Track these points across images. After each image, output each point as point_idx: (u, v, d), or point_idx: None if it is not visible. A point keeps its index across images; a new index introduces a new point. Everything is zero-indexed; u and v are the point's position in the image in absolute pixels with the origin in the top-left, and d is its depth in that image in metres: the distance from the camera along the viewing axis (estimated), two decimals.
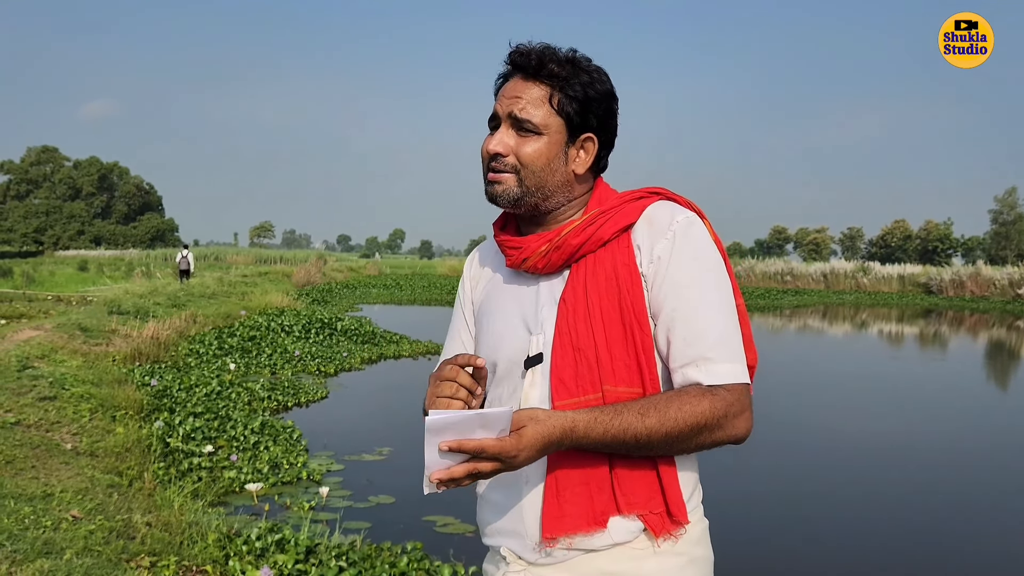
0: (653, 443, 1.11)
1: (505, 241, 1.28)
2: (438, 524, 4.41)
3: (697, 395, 1.12)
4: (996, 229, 66.07)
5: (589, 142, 1.24)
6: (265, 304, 15.49)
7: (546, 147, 1.21)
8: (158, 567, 3.17)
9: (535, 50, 1.21)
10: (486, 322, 1.33)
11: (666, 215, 1.21)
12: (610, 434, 1.09)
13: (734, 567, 4.10)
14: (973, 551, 4.47)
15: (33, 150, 69.99)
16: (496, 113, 1.23)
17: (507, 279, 1.32)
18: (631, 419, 1.09)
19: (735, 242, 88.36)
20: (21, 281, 24.43)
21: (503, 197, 1.23)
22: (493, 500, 1.26)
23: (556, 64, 1.20)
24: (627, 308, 1.17)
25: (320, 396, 7.89)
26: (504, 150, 1.21)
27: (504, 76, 1.26)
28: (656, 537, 1.17)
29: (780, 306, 25.33)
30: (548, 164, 1.21)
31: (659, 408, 1.10)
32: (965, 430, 7.73)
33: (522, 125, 1.20)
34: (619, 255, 1.20)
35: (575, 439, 1.08)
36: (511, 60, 1.23)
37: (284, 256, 51.30)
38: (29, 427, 4.95)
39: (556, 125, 1.21)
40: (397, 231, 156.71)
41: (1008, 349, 15.90)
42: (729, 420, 1.13)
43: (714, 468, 1.22)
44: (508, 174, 1.22)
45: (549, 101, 1.20)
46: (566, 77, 1.20)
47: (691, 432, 1.11)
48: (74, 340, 8.48)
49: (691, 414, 1.10)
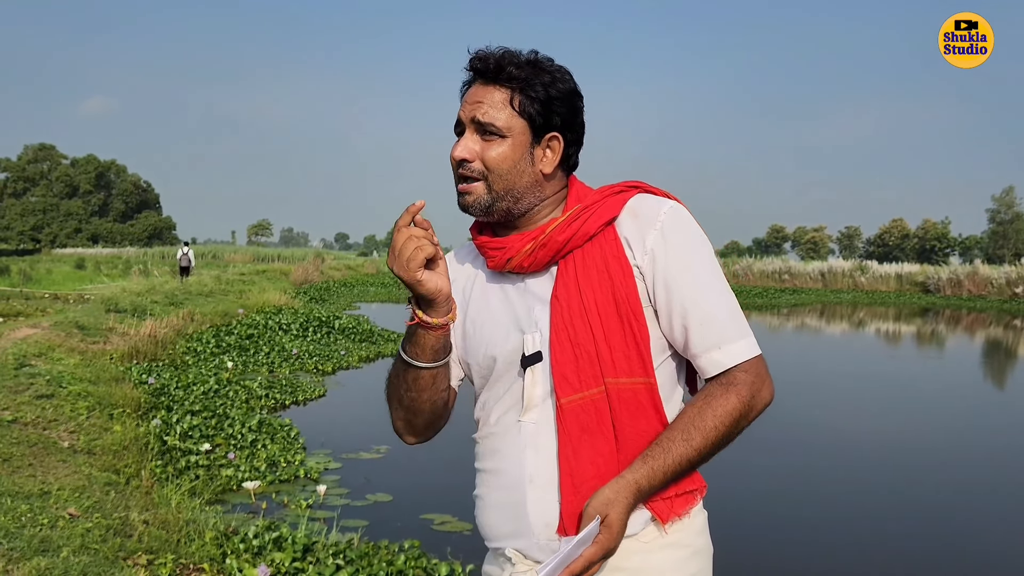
0: (704, 457, 1.18)
1: (486, 243, 1.28)
2: (435, 522, 4.41)
3: (722, 394, 1.17)
4: (994, 228, 66.26)
5: (555, 140, 1.24)
6: (263, 302, 15.48)
7: (511, 149, 1.21)
8: (155, 565, 3.17)
9: (493, 55, 1.22)
10: (473, 326, 1.31)
11: (651, 207, 1.23)
12: (670, 473, 1.15)
13: (733, 563, 4.11)
14: (971, 548, 4.48)
15: (30, 148, 69.87)
16: (460, 119, 1.24)
17: (490, 280, 1.31)
18: (681, 450, 1.15)
19: (733, 241, 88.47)
20: (18, 279, 24.39)
21: (475, 207, 1.24)
22: (495, 501, 1.26)
23: (515, 67, 1.21)
24: (622, 300, 1.19)
25: (318, 394, 7.89)
26: (470, 155, 1.22)
27: (467, 83, 1.26)
28: (663, 523, 1.19)
29: (778, 305, 25.35)
30: (514, 166, 1.22)
31: (698, 426, 1.16)
32: (962, 429, 7.74)
33: (485, 129, 1.21)
34: (607, 248, 1.22)
35: (644, 494, 1.15)
36: (471, 66, 1.24)
37: (282, 254, 51.32)
38: (26, 425, 4.95)
39: (519, 127, 1.21)
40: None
41: (1005, 348, 15.93)
42: (756, 398, 1.19)
43: (712, 465, 1.23)
44: (477, 182, 1.23)
45: (511, 103, 1.21)
46: (526, 79, 1.20)
47: (730, 430, 1.17)
48: (71, 338, 8.48)
49: (725, 414, 1.16)
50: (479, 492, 1.30)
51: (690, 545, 1.22)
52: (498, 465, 1.25)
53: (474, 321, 1.30)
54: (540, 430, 1.21)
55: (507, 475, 1.23)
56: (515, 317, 1.25)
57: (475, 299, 1.32)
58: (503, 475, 1.24)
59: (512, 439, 1.23)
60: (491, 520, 1.27)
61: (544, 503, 1.19)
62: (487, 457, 1.28)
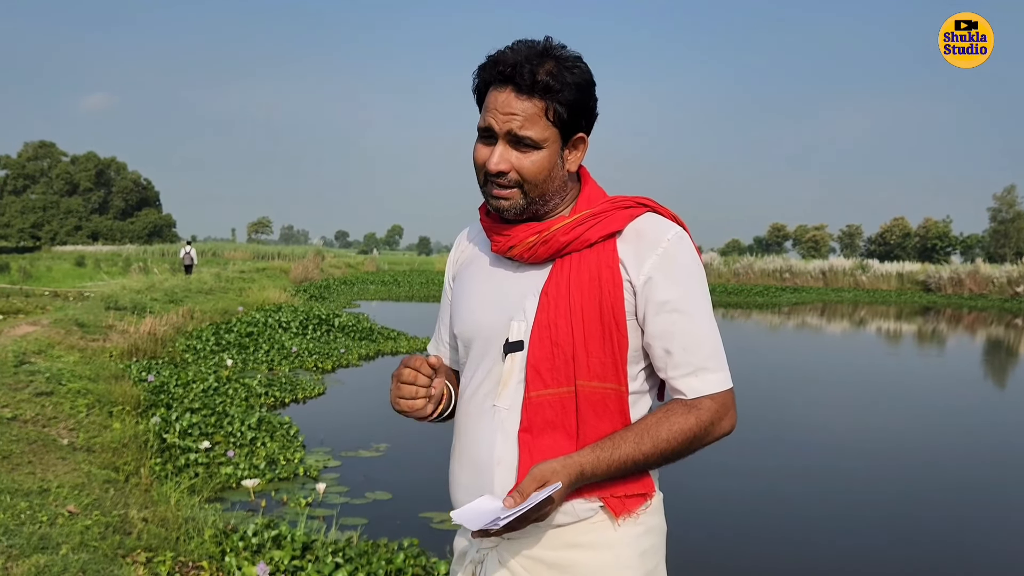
0: (651, 464, 1.23)
1: (492, 228, 1.32)
2: (434, 520, 4.41)
3: (683, 413, 1.22)
4: (995, 227, 66.19)
5: (580, 141, 1.27)
6: (262, 300, 15.48)
7: (547, 159, 1.23)
8: (154, 562, 3.16)
9: (523, 62, 1.19)
10: (464, 299, 1.37)
11: (656, 230, 1.26)
12: (613, 467, 1.20)
13: (731, 561, 4.11)
14: (969, 544, 4.48)
15: (30, 145, 69.89)
16: (491, 127, 1.22)
17: (492, 262, 1.36)
18: (628, 450, 1.20)
19: (733, 239, 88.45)
20: (18, 276, 24.40)
21: (510, 211, 1.27)
22: (466, 480, 1.32)
23: (547, 75, 1.19)
24: (607, 309, 1.23)
25: (317, 392, 7.88)
26: (507, 168, 1.23)
27: (488, 84, 1.24)
28: (616, 517, 1.25)
29: (778, 303, 25.34)
30: (550, 174, 1.24)
31: (651, 433, 1.21)
32: (960, 427, 7.74)
33: (522, 141, 1.21)
34: (603, 258, 1.25)
35: (584, 479, 1.20)
36: (500, 72, 1.20)
37: (282, 252, 51.27)
38: (26, 422, 4.95)
39: (553, 136, 1.23)
40: (395, 227, 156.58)
41: (1006, 347, 15.93)
42: (715, 426, 1.24)
43: (708, 467, 1.24)
44: (512, 189, 1.24)
45: (545, 115, 1.21)
46: (559, 89, 1.19)
47: (682, 447, 1.22)
48: (71, 336, 8.47)
49: (680, 431, 1.21)
50: (452, 468, 1.37)
51: (643, 523, 1.27)
52: (470, 446, 1.31)
53: (469, 297, 1.36)
54: (511, 416, 1.26)
55: (477, 456, 1.29)
56: (506, 302, 1.30)
57: (473, 275, 1.38)
58: (474, 456, 1.31)
59: (486, 422, 1.29)
60: (460, 496, 1.33)
61: (508, 483, 1.25)
62: (462, 436, 1.34)
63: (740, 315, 20.46)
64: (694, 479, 5.06)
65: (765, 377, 10.04)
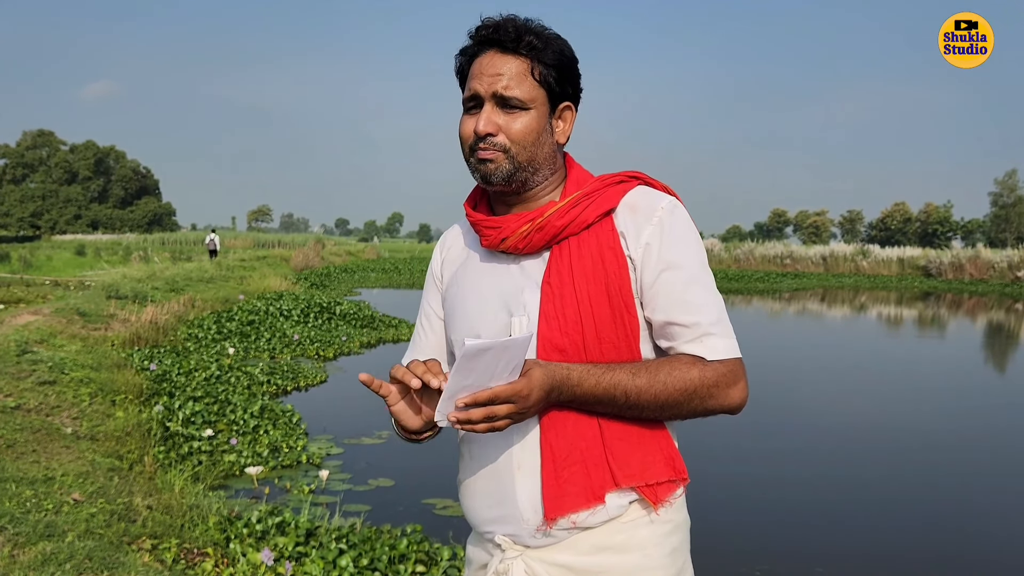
0: (642, 403, 1.15)
1: (481, 221, 1.26)
2: (437, 507, 4.44)
3: (688, 363, 1.15)
4: (996, 212, 66.06)
5: (568, 111, 1.25)
6: (263, 288, 15.49)
7: (535, 121, 1.20)
8: (159, 549, 3.18)
9: (504, 24, 1.18)
10: (459, 302, 1.31)
11: (649, 201, 1.22)
12: (601, 387, 1.13)
13: (732, 548, 4.13)
14: (968, 532, 4.50)
15: (29, 134, 69.64)
16: (476, 93, 1.19)
17: (483, 259, 1.30)
18: (622, 376, 1.13)
19: (734, 225, 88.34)
20: (18, 266, 24.40)
21: (496, 174, 1.20)
22: (482, 488, 1.26)
23: (532, 35, 1.18)
24: (615, 292, 1.18)
25: (319, 380, 7.90)
26: (494, 129, 1.19)
27: (471, 54, 1.22)
28: (655, 507, 1.20)
29: (779, 289, 25.33)
30: (538, 137, 1.20)
31: (650, 371, 1.14)
32: (960, 412, 7.76)
33: (508, 102, 1.18)
34: (603, 239, 1.21)
35: (570, 386, 1.12)
36: (483, 36, 1.20)
37: (282, 240, 51.23)
38: (29, 411, 4.96)
39: (540, 97, 1.20)
40: (395, 214, 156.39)
41: (1006, 331, 15.94)
42: (721, 390, 1.16)
43: (711, 449, 1.23)
44: (499, 152, 1.19)
45: (531, 74, 1.18)
46: (543, 48, 1.18)
47: (681, 397, 1.15)
48: (73, 324, 8.48)
49: (680, 380, 1.14)
50: (464, 478, 1.30)
51: (671, 520, 1.23)
52: (484, 452, 1.25)
53: (464, 298, 1.30)
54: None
55: (494, 462, 1.23)
56: (504, 298, 1.24)
57: (466, 275, 1.32)
58: (490, 462, 1.24)
59: None
60: (477, 505, 1.27)
61: (532, 488, 1.19)
62: (472, 442, 1.27)
63: (741, 301, 20.46)
64: (704, 464, 5.08)
65: (769, 361, 10.05)
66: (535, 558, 1.21)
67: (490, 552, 1.28)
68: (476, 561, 1.33)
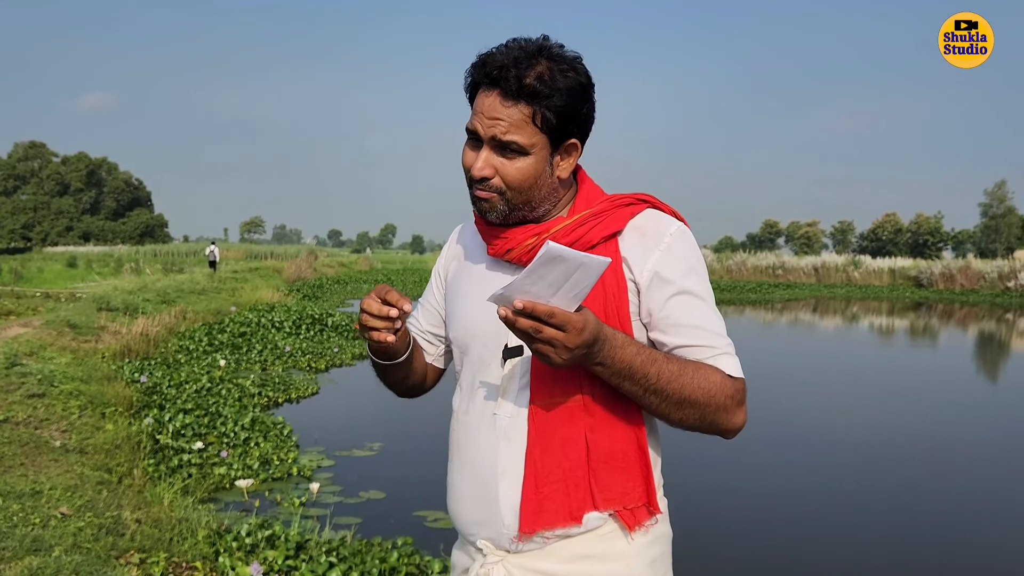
0: (668, 391, 1.13)
1: (488, 231, 1.27)
2: (428, 519, 4.42)
3: (712, 369, 1.17)
4: (986, 222, 66.53)
5: (573, 147, 1.23)
6: (255, 300, 15.46)
7: (533, 166, 1.18)
8: (148, 563, 3.16)
9: (511, 65, 1.14)
10: (459, 303, 1.33)
11: (657, 226, 1.22)
12: (640, 357, 1.12)
13: (716, 558, 4.12)
14: (956, 541, 4.51)
15: (20, 145, 69.47)
16: (476, 131, 1.19)
17: (488, 265, 1.31)
18: (658, 355, 1.14)
19: (726, 235, 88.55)
20: (9, 277, 24.28)
21: (491, 214, 1.22)
22: (468, 492, 1.27)
23: (536, 79, 1.14)
24: (612, 313, 1.18)
25: (311, 392, 7.88)
26: (490, 174, 1.19)
27: (477, 85, 1.21)
28: (630, 531, 1.21)
29: (771, 300, 25.42)
30: (536, 181, 1.20)
31: (680, 363, 1.15)
32: (950, 422, 7.78)
33: (507, 147, 1.17)
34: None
35: (613, 347, 1.10)
36: (487, 75, 1.17)
37: (274, 251, 51.21)
38: (18, 424, 4.93)
39: (541, 142, 1.18)
40: (388, 226, 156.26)
41: (997, 341, 16.02)
42: (731, 407, 1.17)
43: (692, 458, 1.23)
44: (494, 194, 1.20)
45: (532, 120, 1.16)
46: (548, 94, 1.15)
47: (701, 398, 1.14)
48: (63, 337, 8.44)
49: (706, 380, 1.15)
50: (452, 480, 1.32)
51: (653, 532, 1.24)
52: (472, 456, 1.26)
53: (464, 300, 1.31)
54: (514, 424, 1.21)
55: (480, 467, 1.24)
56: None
57: (469, 277, 1.33)
58: (476, 467, 1.25)
59: (487, 431, 1.24)
60: (462, 508, 1.28)
61: (514, 497, 1.20)
62: (462, 446, 1.29)
63: (733, 311, 20.51)
64: (692, 476, 5.08)
65: (762, 373, 10.07)
66: (515, 564, 1.22)
67: (472, 556, 1.29)
68: (459, 565, 1.34)
